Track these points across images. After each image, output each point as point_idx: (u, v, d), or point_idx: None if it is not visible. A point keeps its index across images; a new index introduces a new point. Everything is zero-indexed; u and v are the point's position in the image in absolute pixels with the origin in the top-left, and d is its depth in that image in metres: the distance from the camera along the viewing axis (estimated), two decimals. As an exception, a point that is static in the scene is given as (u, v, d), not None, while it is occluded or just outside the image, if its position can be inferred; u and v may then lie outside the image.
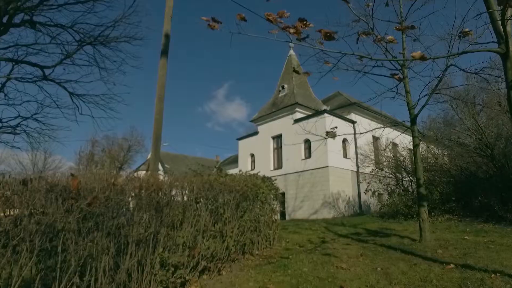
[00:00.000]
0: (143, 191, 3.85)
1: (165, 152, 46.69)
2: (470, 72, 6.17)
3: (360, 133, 8.01)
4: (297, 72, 6.33)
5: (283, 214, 20.34)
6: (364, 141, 17.57)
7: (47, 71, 9.30)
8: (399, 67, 8.07)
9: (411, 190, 13.18)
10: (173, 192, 4.88)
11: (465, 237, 7.13)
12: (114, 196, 3.46)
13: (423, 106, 7.36)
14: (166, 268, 3.94)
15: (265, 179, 7.21)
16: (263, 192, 6.59)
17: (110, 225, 3.37)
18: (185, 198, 4.90)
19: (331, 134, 7.14)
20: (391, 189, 14.39)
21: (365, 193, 14.48)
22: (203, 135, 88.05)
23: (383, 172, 15.24)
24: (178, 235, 4.28)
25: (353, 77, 8.12)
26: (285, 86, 22.97)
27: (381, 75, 8.09)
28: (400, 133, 13.49)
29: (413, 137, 7.58)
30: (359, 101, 20.00)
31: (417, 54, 3.50)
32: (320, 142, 18.89)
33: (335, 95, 26.23)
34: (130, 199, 3.70)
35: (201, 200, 4.86)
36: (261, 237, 6.86)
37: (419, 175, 7.26)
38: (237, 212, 5.52)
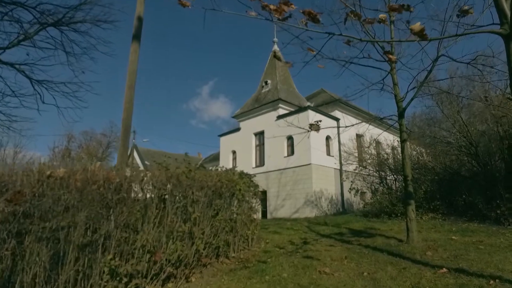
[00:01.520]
0: (90, 185, 3.19)
1: (145, 148, 45.34)
2: (462, 62, 5.76)
3: (346, 126, 7.55)
4: (278, 58, 5.78)
5: (264, 213, 19.85)
6: (348, 138, 17.26)
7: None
8: (387, 58, 7.65)
9: (394, 188, 12.91)
10: (136, 188, 4.24)
11: (453, 237, 6.77)
12: (49, 191, 2.80)
13: (412, 99, 6.94)
14: (118, 278, 3.30)
15: (243, 175, 6.61)
16: (240, 189, 5.99)
17: (42, 227, 2.71)
18: (150, 195, 4.26)
19: (315, 127, 6.68)
20: (374, 187, 14.09)
21: (349, 192, 14.13)
22: (187, 132, 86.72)
23: (367, 170, 14.94)
24: (136, 238, 3.64)
25: (338, 69, 7.57)
26: (269, 81, 22.45)
27: (367, 66, 7.65)
28: (383, 130, 13.22)
29: (401, 132, 7.17)
30: (343, 98, 19.71)
31: (416, 26, 3.00)
32: (303, 135, 18.45)
33: (318, 92, 25.92)
34: (71, 194, 3.03)
35: (166, 197, 4.22)
36: (238, 238, 6.28)
37: (406, 172, 6.85)
38: (210, 211, 4.90)
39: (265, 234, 8.88)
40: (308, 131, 6.36)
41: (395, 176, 12.99)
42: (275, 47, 24.53)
